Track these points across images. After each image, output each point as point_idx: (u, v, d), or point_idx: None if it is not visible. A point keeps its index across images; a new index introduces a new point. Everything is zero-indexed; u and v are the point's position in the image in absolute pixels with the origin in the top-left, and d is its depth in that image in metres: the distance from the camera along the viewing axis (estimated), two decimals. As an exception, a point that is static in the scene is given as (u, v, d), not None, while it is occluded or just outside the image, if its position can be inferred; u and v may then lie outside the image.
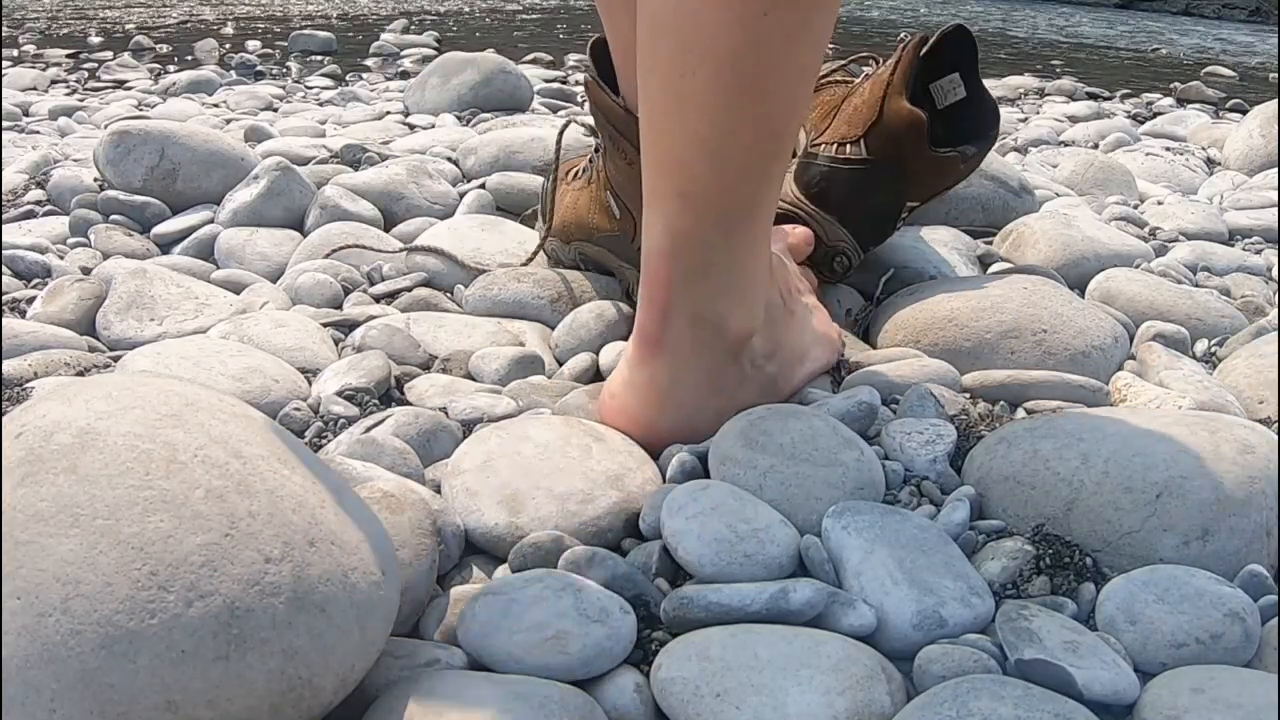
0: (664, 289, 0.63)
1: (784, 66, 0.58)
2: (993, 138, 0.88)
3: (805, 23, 0.57)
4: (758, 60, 0.56)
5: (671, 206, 0.61)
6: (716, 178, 0.60)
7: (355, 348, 0.80)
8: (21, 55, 2.49)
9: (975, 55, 0.88)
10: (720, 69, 0.56)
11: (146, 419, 0.42)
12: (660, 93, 0.59)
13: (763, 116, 0.59)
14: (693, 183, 0.60)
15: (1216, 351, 0.86)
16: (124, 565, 0.37)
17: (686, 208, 0.61)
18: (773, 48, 0.56)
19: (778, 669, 0.46)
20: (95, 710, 0.36)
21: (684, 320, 0.63)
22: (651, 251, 0.63)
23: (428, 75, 1.87)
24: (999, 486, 0.61)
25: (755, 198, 0.62)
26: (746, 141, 0.59)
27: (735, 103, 0.58)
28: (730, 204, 0.61)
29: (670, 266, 0.62)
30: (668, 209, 0.62)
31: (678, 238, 0.62)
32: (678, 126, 0.59)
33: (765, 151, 0.61)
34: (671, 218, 0.61)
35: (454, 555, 0.56)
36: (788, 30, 0.56)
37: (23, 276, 0.94)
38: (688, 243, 0.62)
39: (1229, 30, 5.37)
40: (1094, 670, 0.46)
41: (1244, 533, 0.55)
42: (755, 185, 0.62)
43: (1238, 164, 1.60)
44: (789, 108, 0.60)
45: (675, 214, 0.61)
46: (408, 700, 0.43)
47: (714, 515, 0.55)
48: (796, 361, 0.72)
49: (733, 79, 0.57)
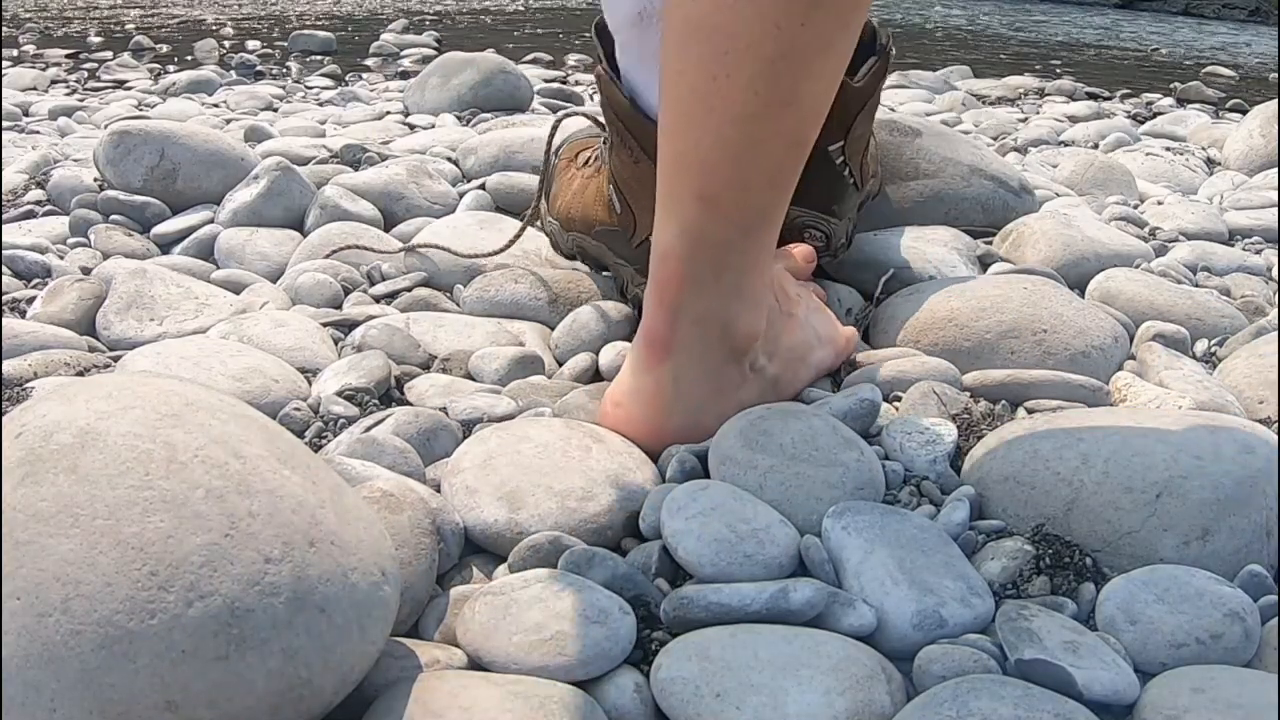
0: (675, 291, 0.63)
1: (816, 75, 0.58)
2: (881, 51, 0.84)
3: (839, 33, 0.57)
4: (791, 68, 0.57)
5: (689, 209, 0.61)
6: (739, 182, 0.60)
7: (355, 348, 0.80)
8: (21, 55, 2.49)
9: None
10: (756, 75, 0.56)
11: (146, 419, 0.42)
12: (690, 95, 0.59)
13: (791, 124, 0.59)
14: (714, 186, 0.60)
15: (1216, 351, 0.86)
16: (124, 565, 0.37)
17: (705, 211, 0.61)
18: (807, 56, 0.57)
19: (778, 669, 0.46)
20: (95, 710, 0.36)
21: (692, 322, 0.63)
22: (664, 253, 0.63)
23: (428, 75, 1.87)
24: (999, 486, 0.61)
25: (773, 204, 0.63)
26: (773, 148, 0.59)
27: (766, 110, 0.58)
28: (749, 209, 0.62)
29: (684, 269, 0.62)
30: (685, 211, 0.61)
31: (693, 240, 0.62)
32: (705, 130, 0.59)
33: (789, 158, 0.61)
34: (688, 220, 0.61)
35: (454, 555, 0.56)
36: (824, 39, 0.57)
37: (23, 276, 0.94)
38: (703, 246, 0.62)
39: (1229, 30, 5.37)
40: (1094, 670, 0.46)
41: (1244, 533, 0.55)
42: (775, 191, 0.62)
43: (1238, 164, 1.59)
44: (816, 115, 0.60)
45: (693, 216, 0.61)
46: (408, 700, 0.43)
47: (714, 515, 0.55)
48: (798, 362, 0.72)
49: (766, 86, 0.57)
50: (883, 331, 0.85)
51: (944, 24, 4.37)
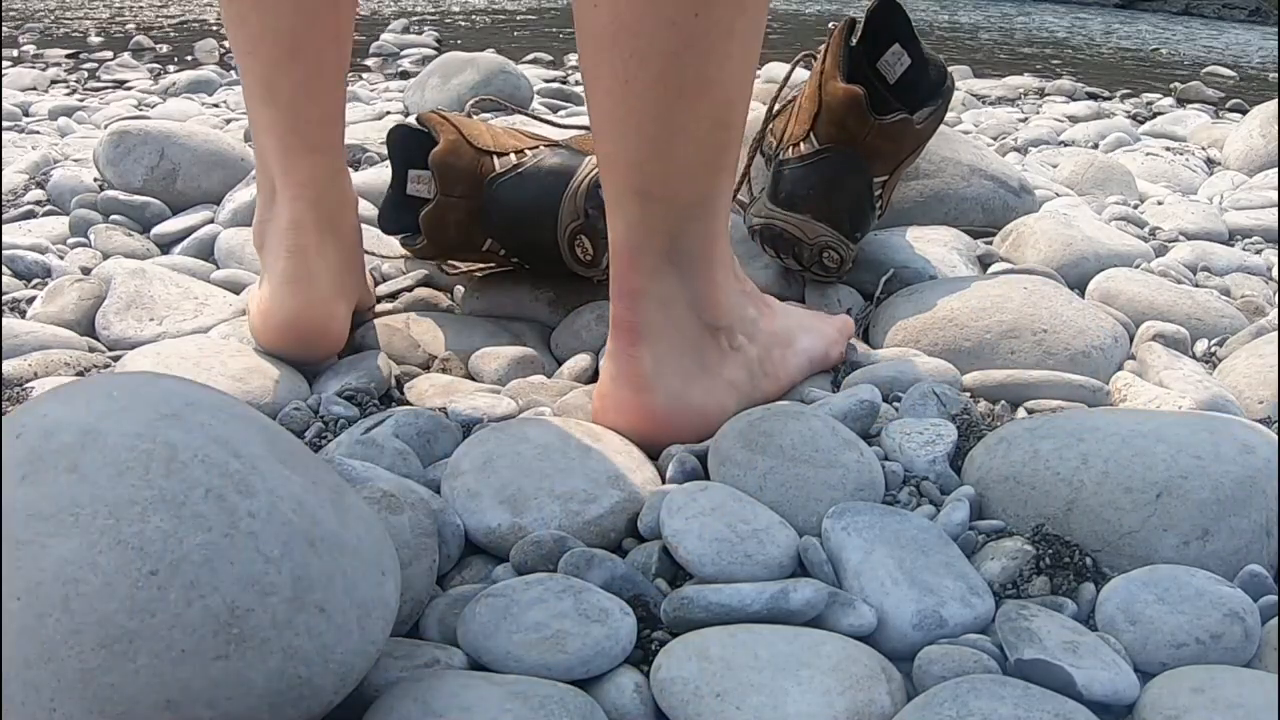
0: (633, 280, 0.65)
1: (723, 61, 0.60)
2: (946, 93, 0.89)
3: (737, 17, 0.59)
4: (696, 59, 0.59)
5: (631, 205, 0.64)
6: (670, 173, 0.63)
7: (355, 348, 0.80)
8: (21, 55, 2.49)
9: (909, 23, 0.90)
10: (663, 71, 0.59)
11: (146, 419, 0.42)
12: (607, 99, 0.61)
13: (708, 110, 0.61)
14: (648, 181, 0.63)
15: (1216, 351, 0.86)
16: (124, 565, 0.37)
17: (644, 204, 0.63)
18: (710, 44, 0.59)
19: (778, 669, 0.46)
20: (95, 709, 0.36)
21: (655, 305, 0.65)
22: (617, 248, 0.65)
23: (428, 75, 1.87)
24: (999, 486, 0.61)
25: (710, 186, 0.65)
26: (696, 135, 0.62)
27: (679, 101, 0.60)
28: (687, 195, 0.64)
29: (636, 260, 0.65)
30: (626, 206, 0.64)
31: (641, 232, 0.64)
32: (627, 129, 0.61)
33: (715, 142, 0.63)
34: (631, 214, 0.64)
35: (454, 555, 0.56)
36: (722, 26, 0.59)
37: (23, 276, 0.94)
38: (651, 236, 0.64)
39: (1229, 30, 5.37)
40: (1094, 670, 0.46)
41: (1244, 533, 0.55)
42: (709, 174, 0.64)
43: (1238, 164, 1.59)
44: (734, 97, 0.62)
45: (634, 211, 0.64)
46: (408, 700, 0.43)
47: (714, 516, 0.55)
48: (782, 346, 0.73)
49: (675, 79, 0.59)
50: (883, 331, 0.85)
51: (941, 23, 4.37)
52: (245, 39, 0.72)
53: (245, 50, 0.73)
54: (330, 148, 0.77)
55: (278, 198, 0.75)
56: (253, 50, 0.72)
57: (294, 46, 0.72)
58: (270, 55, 0.72)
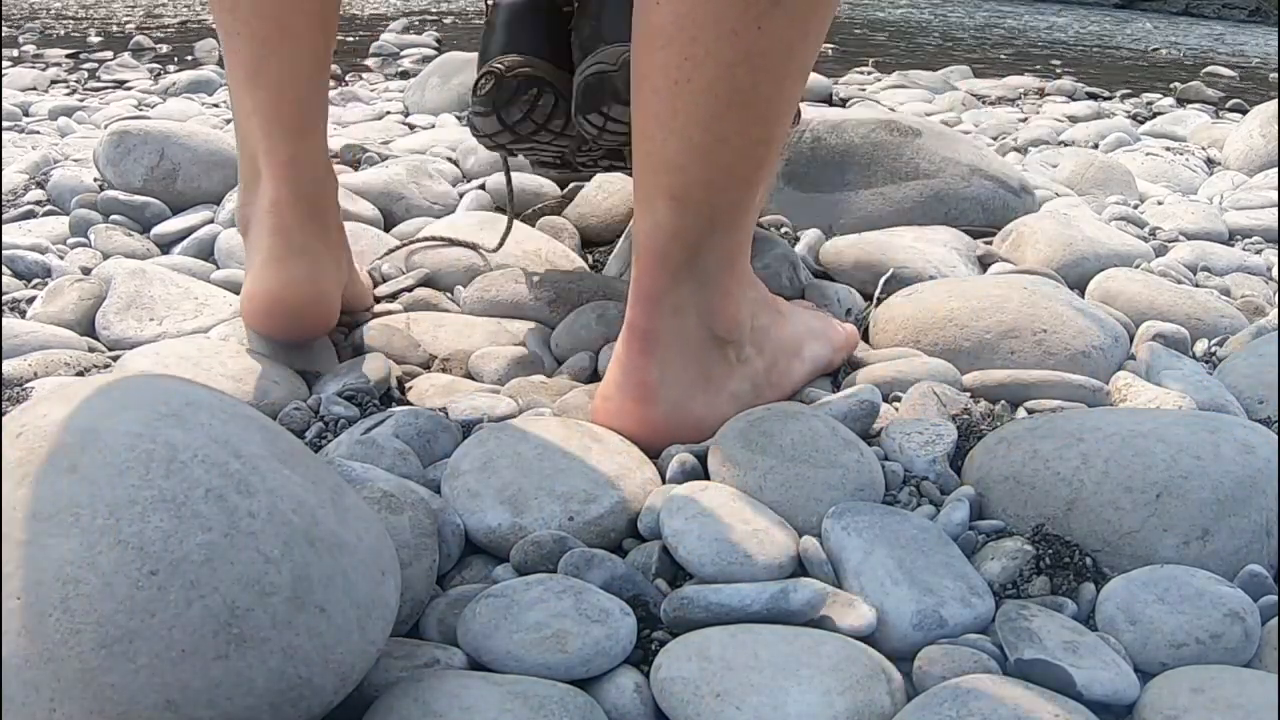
0: (653, 283, 0.64)
1: (778, 76, 0.60)
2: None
3: (799, 40, 0.59)
4: (751, 70, 0.59)
5: (662, 206, 0.63)
6: (708, 181, 0.62)
7: (355, 348, 0.80)
8: (21, 55, 2.49)
9: None
10: (715, 79, 0.58)
11: (146, 419, 0.42)
12: (655, 98, 0.61)
13: (754, 123, 0.61)
14: (685, 186, 0.62)
15: (1216, 351, 0.86)
16: (124, 565, 0.37)
17: (675, 208, 0.63)
18: (767, 58, 0.58)
19: (778, 669, 0.46)
20: (95, 710, 0.36)
21: (671, 312, 0.65)
22: (641, 248, 0.65)
23: (428, 75, 1.87)
24: (999, 486, 0.61)
25: (744, 198, 0.65)
26: (739, 147, 0.61)
27: (729, 111, 0.60)
28: (720, 205, 0.63)
29: (660, 263, 0.64)
30: (657, 208, 0.63)
31: (667, 236, 0.63)
32: (671, 132, 0.61)
33: (754, 156, 0.63)
34: (660, 217, 0.63)
35: (454, 555, 0.56)
36: (782, 44, 0.58)
37: (23, 276, 0.94)
38: (676, 240, 0.63)
39: (1229, 30, 5.37)
40: (1094, 670, 0.46)
41: (1244, 533, 0.55)
42: (745, 187, 0.64)
43: (1238, 164, 1.59)
44: (780, 114, 0.62)
45: (664, 213, 0.63)
46: (408, 700, 0.43)
47: (714, 516, 0.55)
48: (789, 356, 0.73)
49: (726, 89, 0.59)
50: (883, 331, 0.85)
51: (964, 23, 4.37)
52: (232, 21, 0.72)
53: (232, 31, 0.73)
54: (314, 130, 0.77)
55: (261, 180, 0.75)
56: (239, 31, 0.72)
57: (281, 28, 0.72)
58: (257, 36, 0.72)
